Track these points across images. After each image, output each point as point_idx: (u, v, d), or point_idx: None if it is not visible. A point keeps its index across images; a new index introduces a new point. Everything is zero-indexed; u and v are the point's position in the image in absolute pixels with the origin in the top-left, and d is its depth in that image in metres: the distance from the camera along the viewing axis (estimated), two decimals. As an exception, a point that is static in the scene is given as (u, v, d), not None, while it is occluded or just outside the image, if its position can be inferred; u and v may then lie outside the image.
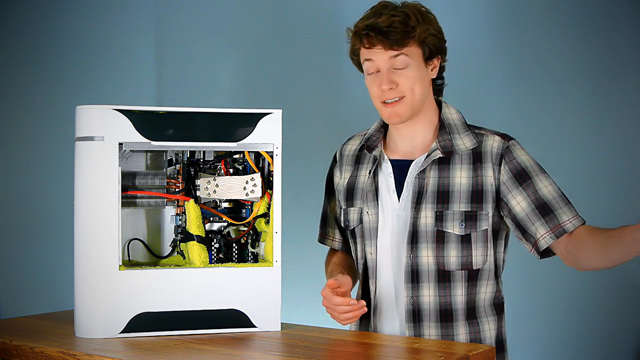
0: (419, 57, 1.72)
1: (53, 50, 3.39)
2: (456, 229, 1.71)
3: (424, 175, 1.74)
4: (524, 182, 1.70)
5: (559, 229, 1.68)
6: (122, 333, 1.65)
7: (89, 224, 1.64)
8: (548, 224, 1.68)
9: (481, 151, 1.73)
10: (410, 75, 1.71)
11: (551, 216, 1.69)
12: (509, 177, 1.71)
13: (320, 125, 2.99)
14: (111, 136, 1.63)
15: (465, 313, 1.73)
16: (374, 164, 1.81)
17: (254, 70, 3.13)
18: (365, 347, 1.62)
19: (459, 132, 1.76)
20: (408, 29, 1.69)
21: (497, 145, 1.73)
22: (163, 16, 3.27)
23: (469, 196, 1.71)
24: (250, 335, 1.68)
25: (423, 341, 1.64)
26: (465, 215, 1.70)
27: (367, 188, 1.80)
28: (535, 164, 1.73)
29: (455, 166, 1.73)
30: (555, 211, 1.69)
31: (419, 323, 1.73)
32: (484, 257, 1.73)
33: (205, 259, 1.74)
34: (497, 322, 1.77)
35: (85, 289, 1.65)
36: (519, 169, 1.71)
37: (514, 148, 1.73)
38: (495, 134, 1.75)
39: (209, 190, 1.76)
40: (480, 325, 1.74)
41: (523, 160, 1.72)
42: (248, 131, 1.71)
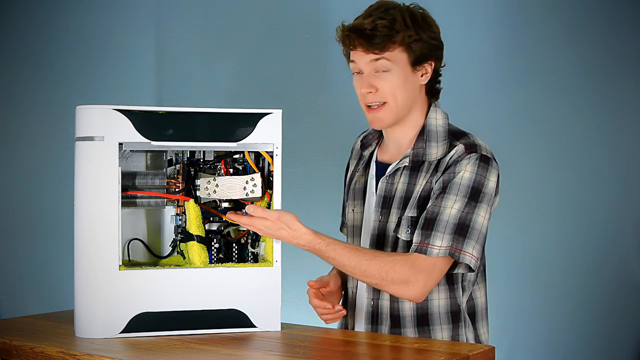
0: (404, 62, 1.69)
1: (53, 50, 3.40)
2: (403, 234, 1.69)
3: (392, 180, 1.73)
4: (440, 194, 1.65)
5: (423, 246, 1.62)
6: (122, 333, 1.65)
7: (89, 224, 1.64)
8: (420, 236, 1.64)
9: (442, 161, 1.70)
10: (391, 80, 1.69)
11: (428, 232, 1.63)
12: (438, 186, 1.67)
13: (320, 126, 2.99)
14: (111, 136, 1.63)
15: (415, 319, 1.71)
16: (365, 162, 1.82)
17: (253, 70, 3.13)
18: (365, 347, 1.62)
19: (437, 140, 1.72)
20: (391, 33, 1.65)
21: (453, 157, 1.67)
22: (163, 16, 3.27)
23: (420, 202, 1.68)
24: (250, 335, 1.68)
25: (424, 341, 1.64)
26: (411, 221, 1.69)
27: (356, 185, 1.82)
28: (467, 185, 1.64)
29: (421, 174, 1.71)
30: (434, 231, 1.62)
31: (376, 326, 1.74)
32: None
33: (205, 259, 1.74)
34: (452, 330, 1.72)
35: (85, 289, 1.65)
36: (447, 182, 1.65)
37: (462, 162, 1.65)
38: (464, 144, 1.68)
39: (209, 190, 1.76)
40: (432, 332, 1.71)
41: (459, 176, 1.65)
42: (248, 131, 1.70)
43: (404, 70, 1.69)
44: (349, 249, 1.64)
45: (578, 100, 2.67)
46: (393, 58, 1.68)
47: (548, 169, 2.68)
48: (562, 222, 2.66)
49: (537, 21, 2.72)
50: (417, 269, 1.62)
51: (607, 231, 2.63)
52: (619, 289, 2.62)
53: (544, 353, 2.73)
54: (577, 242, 2.66)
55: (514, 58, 2.74)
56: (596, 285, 2.64)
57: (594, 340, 2.66)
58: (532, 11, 2.74)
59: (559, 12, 2.70)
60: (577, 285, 2.66)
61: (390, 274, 1.61)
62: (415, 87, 1.73)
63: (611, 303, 2.62)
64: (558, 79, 2.69)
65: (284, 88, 3.05)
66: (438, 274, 1.64)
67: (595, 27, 2.65)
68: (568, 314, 2.68)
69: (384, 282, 1.62)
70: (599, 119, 2.65)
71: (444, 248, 1.62)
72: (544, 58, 2.71)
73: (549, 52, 2.70)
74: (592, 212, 2.65)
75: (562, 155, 2.68)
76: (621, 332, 2.62)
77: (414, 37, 1.67)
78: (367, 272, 1.62)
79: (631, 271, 2.62)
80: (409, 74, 1.70)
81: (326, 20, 2.96)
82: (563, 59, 2.68)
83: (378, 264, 1.61)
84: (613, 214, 2.63)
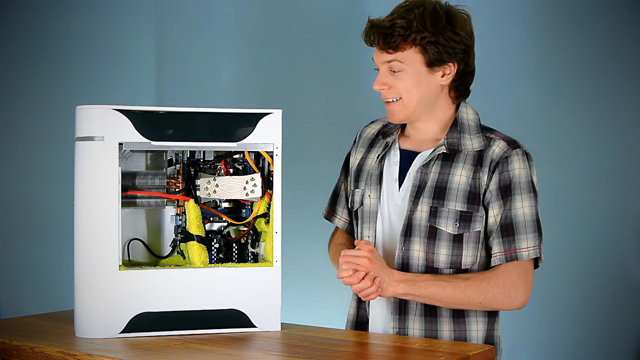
0: (418, 62, 1.70)
1: (52, 50, 3.39)
2: (449, 227, 1.70)
3: (427, 170, 1.73)
4: (505, 197, 1.68)
5: (512, 253, 1.67)
6: (122, 333, 1.65)
7: (89, 224, 1.64)
8: (504, 245, 1.67)
9: (484, 155, 1.71)
10: (404, 80, 1.70)
11: (511, 239, 1.67)
12: (496, 187, 1.69)
13: (320, 125, 2.99)
14: (111, 136, 1.63)
15: (451, 310, 1.71)
16: (384, 149, 1.81)
17: (253, 69, 3.13)
18: (365, 347, 1.62)
19: (470, 132, 1.74)
20: (405, 34, 1.66)
21: (498, 152, 1.70)
22: (163, 16, 3.27)
23: (466, 196, 1.70)
24: (250, 335, 1.68)
25: (425, 341, 1.64)
26: (460, 215, 1.70)
27: (372, 171, 1.81)
28: (526, 181, 1.69)
29: (458, 164, 1.72)
30: (517, 235, 1.67)
31: (404, 316, 1.73)
32: (474, 258, 1.71)
33: (205, 259, 1.74)
34: (487, 323, 1.74)
35: (85, 289, 1.65)
36: (507, 182, 1.68)
37: (512, 159, 1.69)
38: (503, 139, 1.72)
39: (209, 190, 1.76)
40: (467, 324, 1.72)
41: (515, 174, 1.68)
42: (248, 131, 1.70)
43: (418, 70, 1.70)
44: (439, 285, 1.65)
45: (577, 101, 2.67)
46: (406, 59, 1.69)
47: (548, 169, 2.67)
48: (562, 222, 2.66)
49: (537, 23, 2.73)
50: (512, 278, 1.67)
51: (607, 231, 2.63)
52: (618, 289, 2.62)
53: (544, 353, 2.73)
54: (577, 242, 2.66)
55: (513, 59, 2.75)
56: (596, 285, 2.64)
57: (594, 340, 2.66)
58: (531, 12, 2.74)
59: (558, 13, 2.70)
60: (577, 285, 2.66)
61: (490, 292, 1.66)
62: (434, 87, 1.73)
63: (611, 303, 2.62)
64: (557, 80, 2.69)
65: (283, 88, 3.05)
66: (531, 274, 1.69)
67: (595, 29, 2.65)
68: (567, 314, 2.68)
69: (486, 301, 1.66)
70: (598, 120, 2.65)
71: (531, 249, 1.67)
72: (543, 59, 2.71)
73: (547, 53, 2.70)
74: (591, 212, 2.65)
75: (562, 155, 2.68)
76: (621, 332, 2.62)
77: (429, 39, 1.67)
78: (469, 300, 1.67)
79: (631, 271, 2.62)
80: (424, 74, 1.71)
81: (326, 19, 2.96)
82: (562, 60, 2.68)
83: (476, 288, 1.66)
84: (612, 214, 2.63)
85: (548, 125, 2.71)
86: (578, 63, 2.66)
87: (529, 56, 2.72)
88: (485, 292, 1.66)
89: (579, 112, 2.67)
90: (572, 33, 2.67)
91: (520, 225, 1.67)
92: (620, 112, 2.63)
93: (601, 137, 2.64)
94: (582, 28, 2.66)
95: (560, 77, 2.69)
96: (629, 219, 2.61)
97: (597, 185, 2.64)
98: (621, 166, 2.63)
